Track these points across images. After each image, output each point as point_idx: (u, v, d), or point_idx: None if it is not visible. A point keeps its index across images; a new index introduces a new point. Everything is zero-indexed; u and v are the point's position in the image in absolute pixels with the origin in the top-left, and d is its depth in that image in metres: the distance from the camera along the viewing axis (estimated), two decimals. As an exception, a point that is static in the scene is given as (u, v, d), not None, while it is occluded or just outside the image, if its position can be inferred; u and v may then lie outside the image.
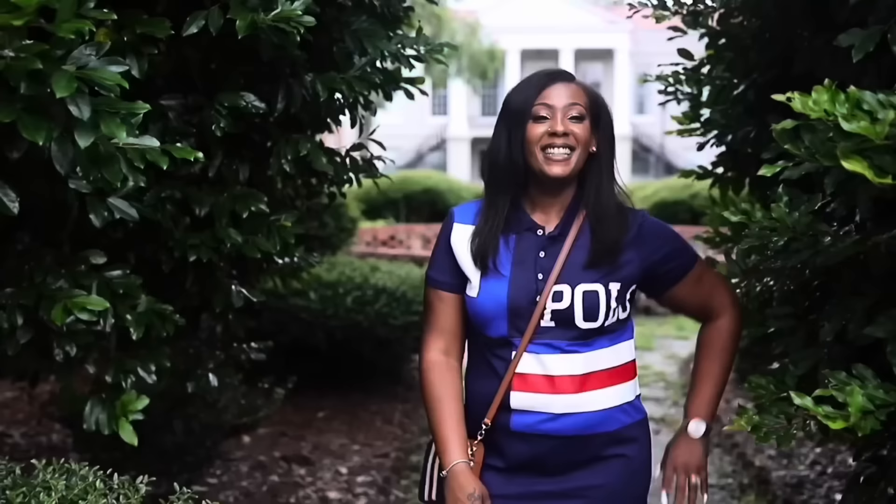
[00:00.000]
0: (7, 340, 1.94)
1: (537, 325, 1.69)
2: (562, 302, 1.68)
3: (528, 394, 1.71)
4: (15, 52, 1.27)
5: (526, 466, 1.77)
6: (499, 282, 1.70)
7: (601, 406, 1.74)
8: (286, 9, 1.78)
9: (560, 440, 1.73)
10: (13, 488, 1.60)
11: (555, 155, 1.66)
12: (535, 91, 1.70)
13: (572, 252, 1.72)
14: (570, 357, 1.70)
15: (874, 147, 1.35)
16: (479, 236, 1.73)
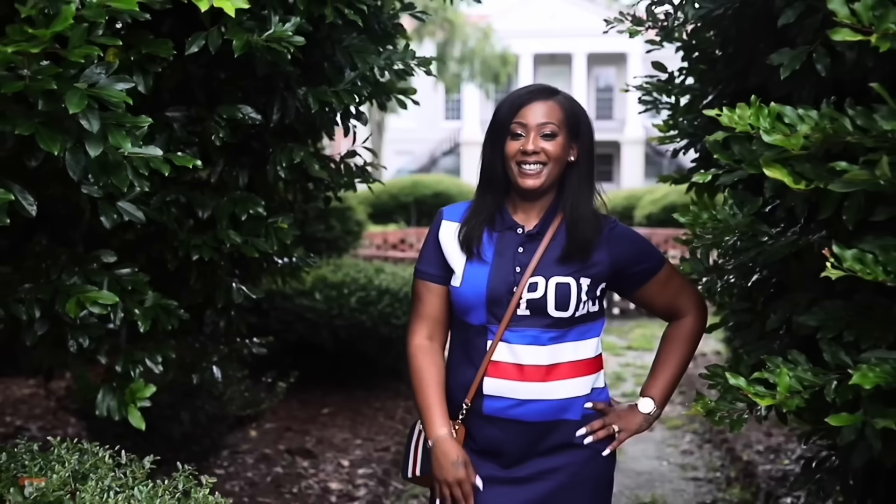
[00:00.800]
0: (26, 332, 2.13)
1: (513, 314, 1.85)
2: (536, 292, 1.84)
3: (500, 380, 1.87)
4: (33, 74, 1.45)
5: (495, 451, 1.92)
6: (480, 273, 1.87)
7: (565, 395, 1.89)
8: (278, 30, 1.96)
9: (526, 425, 1.88)
10: (32, 461, 1.78)
11: (527, 170, 1.84)
12: (513, 110, 1.87)
13: (548, 249, 1.88)
14: (538, 348, 1.85)
15: (795, 156, 1.51)
16: (466, 226, 1.91)
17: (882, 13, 1.42)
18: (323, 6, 2.07)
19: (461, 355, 1.95)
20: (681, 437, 5.11)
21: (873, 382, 1.47)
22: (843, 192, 1.48)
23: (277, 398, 3.68)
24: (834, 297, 1.78)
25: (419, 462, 2.01)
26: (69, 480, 1.70)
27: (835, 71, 1.70)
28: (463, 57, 31.47)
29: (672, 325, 2.07)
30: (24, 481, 1.66)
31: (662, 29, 2.70)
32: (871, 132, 1.42)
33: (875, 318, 1.69)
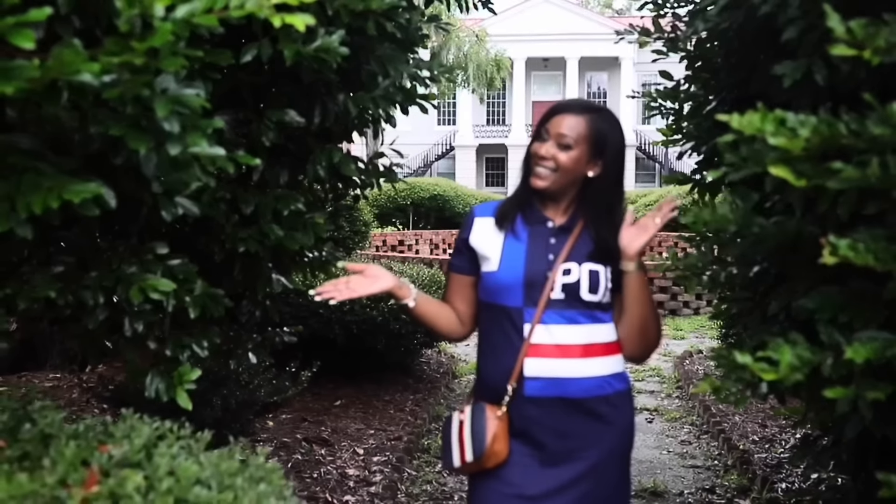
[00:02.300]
0: (89, 316, 2.31)
1: (548, 297, 2.03)
2: (570, 276, 2.04)
3: (540, 359, 2.04)
4: (125, 80, 1.63)
5: (533, 433, 2.07)
6: (517, 255, 2.06)
7: (600, 373, 2.07)
8: (325, 41, 2.14)
9: (565, 403, 2.05)
10: (106, 433, 1.97)
11: (537, 171, 2.06)
12: (548, 115, 2.09)
13: (577, 242, 2.09)
14: (576, 328, 2.04)
15: (796, 157, 1.71)
16: (503, 208, 2.14)
17: (875, 31, 1.62)
18: (365, 20, 2.26)
19: (498, 341, 2.10)
20: (679, 428, 5.32)
21: (864, 357, 1.67)
22: (838, 188, 1.69)
23: (302, 386, 3.87)
24: (829, 284, 1.98)
25: (466, 448, 2.09)
26: (143, 448, 1.89)
27: (831, 81, 1.90)
28: (457, 61, 31.65)
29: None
30: (106, 448, 1.85)
31: (668, 40, 2.90)
32: (863, 136, 1.62)
33: (866, 302, 1.90)
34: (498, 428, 2.04)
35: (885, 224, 1.76)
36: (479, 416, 2.08)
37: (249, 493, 1.79)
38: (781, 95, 2.13)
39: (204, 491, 1.71)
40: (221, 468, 1.88)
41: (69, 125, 1.86)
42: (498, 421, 2.05)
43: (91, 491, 1.64)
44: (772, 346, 1.90)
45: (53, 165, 1.76)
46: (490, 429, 2.05)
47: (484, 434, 2.05)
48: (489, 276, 2.10)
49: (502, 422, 2.05)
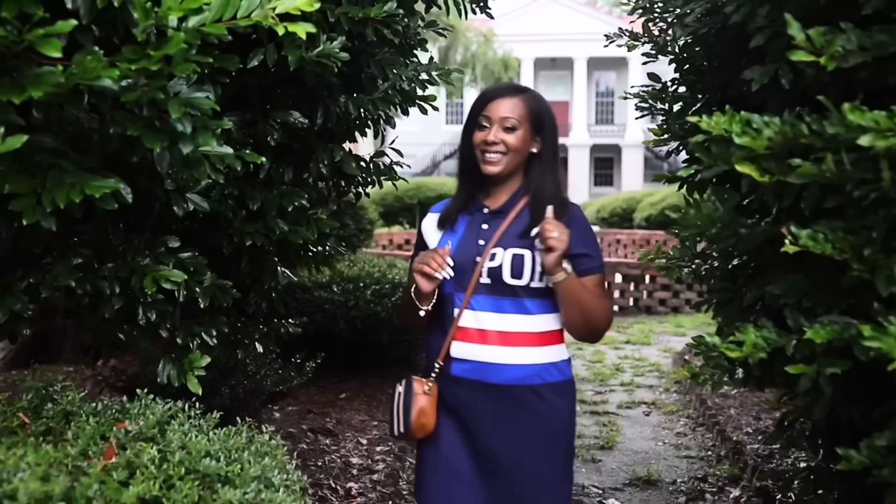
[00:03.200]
0: (105, 305, 2.46)
1: (477, 283, 2.11)
2: (495, 261, 2.11)
3: (465, 343, 2.14)
4: (141, 86, 1.78)
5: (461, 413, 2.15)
6: (450, 242, 2.17)
7: (524, 362, 2.11)
8: (326, 47, 2.29)
9: (489, 388, 2.11)
10: (122, 411, 2.12)
11: (489, 158, 2.14)
12: (482, 104, 2.17)
13: (511, 225, 2.15)
14: (500, 315, 2.10)
15: (761, 155, 1.84)
16: (445, 210, 2.25)
17: (831, 39, 1.76)
18: (364, 27, 2.40)
19: (435, 324, 2.22)
20: (675, 421, 5.45)
21: (823, 338, 1.80)
22: (801, 183, 1.82)
23: (307, 376, 4.02)
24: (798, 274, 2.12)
25: (401, 419, 2.18)
26: (157, 424, 2.04)
27: (797, 85, 2.03)
28: (465, 61, 31.80)
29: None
30: (123, 425, 2.00)
31: (657, 44, 3.04)
32: (822, 135, 1.76)
33: (829, 289, 2.03)
34: (425, 402, 2.13)
35: (844, 217, 1.89)
36: (407, 391, 2.18)
37: (255, 465, 1.93)
38: (757, 98, 2.27)
39: (213, 463, 1.86)
40: (229, 443, 2.03)
41: (88, 126, 2.00)
42: (425, 395, 2.14)
43: (110, 461, 1.79)
44: (740, 329, 2.04)
45: (74, 163, 1.91)
46: (416, 403, 2.14)
47: (410, 409, 2.15)
48: None
49: (430, 396, 2.14)
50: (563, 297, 2.09)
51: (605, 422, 5.42)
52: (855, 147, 1.67)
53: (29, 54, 1.64)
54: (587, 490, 4.14)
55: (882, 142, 1.61)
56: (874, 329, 1.58)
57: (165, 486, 1.75)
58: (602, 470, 4.47)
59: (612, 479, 4.33)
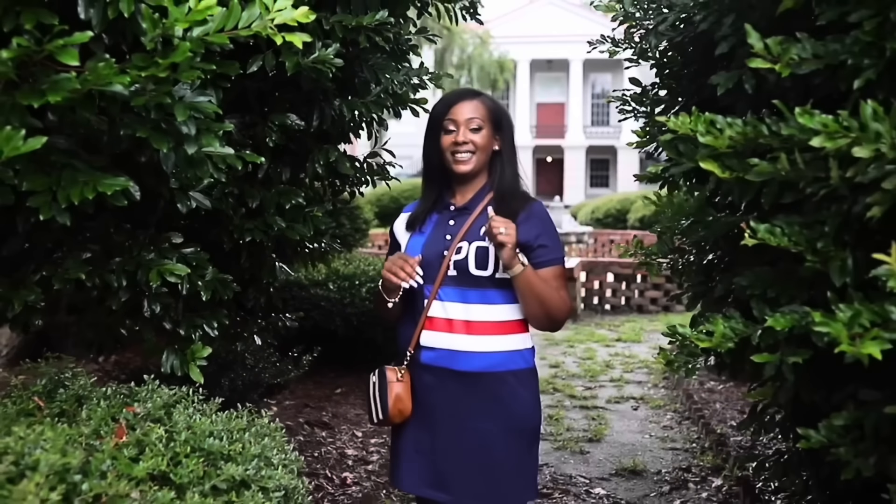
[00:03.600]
0: (113, 297, 2.60)
1: (444, 275, 2.24)
2: (460, 254, 2.24)
3: (433, 332, 2.26)
4: (149, 91, 1.92)
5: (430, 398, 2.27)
6: (417, 243, 2.31)
7: (489, 349, 2.23)
8: (322, 53, 2.43)
9: (456, 375, 2.24)
10: (130, 396, 2.26)
11: (460, 157, 2.27)
12: (445, 109, 2.30)
13: (476, 220, 2.28)
14: (465, 305, 2.23)
15: (723, 153, 1.99)
16: (414, 212, 2.38)
17: (787, 48, 1.90)
18: (357, 34, 2.54)
19: (407, 315, 2.34)
20: (662, 415, 5.60)
21: (783, 326, 1.94)
22: (761, 180, 1.96)
23: (303, 369, 4.16)
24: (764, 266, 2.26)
25: (379, 407, 2.31)
26: (163, 407, 2.18)
27: (760, 89, 2.18)
28: (461, 63, 31.94)
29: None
30: (132, 408, 2.13)
31: (638, 49, 3.18)
32: (779, 136, 1.90)
33: (792, 280, 2.17)
34: (399, 389, 2.26)
35: (801, 212, 2.03)
36: (382, 381, 2.31)
37: (255, 445, 2.08)
38: (727, 100, 2.42)
39: (216, 442, 2.00)
40: (231, 425, 2.17)
41: (98, 128, 2.13)
42: (398, 382, 2.26)
43: (121, 440, 1.93)
44: (711, 320, 2.18)
45: (86, 163, 2.05)
46: (391, 391, 2.26)
47: (386, 397, 2.27)
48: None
49: (403, 383, 2.27)
50: (521, 289, 2.20)
51: (594, 416, 5.56)
52: (808, 148, 1.81)
53: (46, 62, 1.78)
54: (574, 480, 4.29)
55: (831, 143, 1.75)
56: (824, 315, 1.72)
57: (172, 463, 1.89)
58: (590, 461, 4.61)
59: (598, 469, 4.47)
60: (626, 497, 4.05)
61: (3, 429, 1.84)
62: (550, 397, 6.04)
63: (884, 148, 1.72)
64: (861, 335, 1.67)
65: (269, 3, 1.96)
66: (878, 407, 2.00)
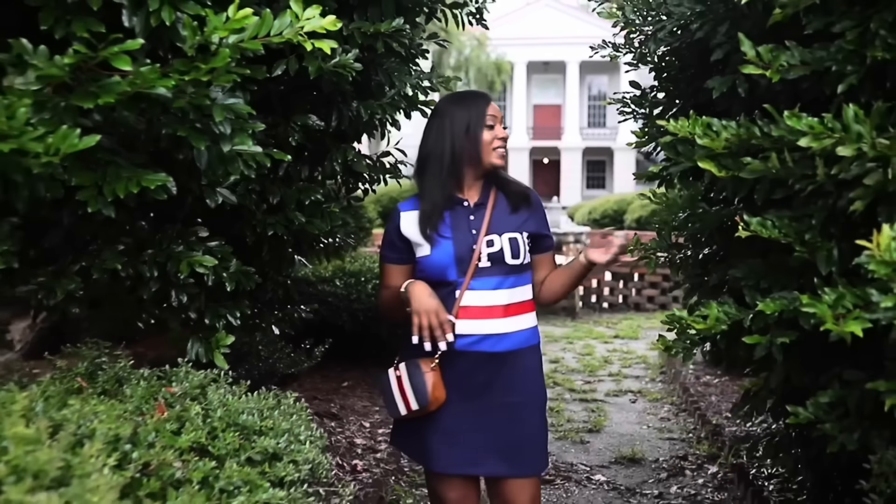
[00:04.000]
0: (144, 287, 2.75)
1: (476, 267, 2.37)
2: (494, 247, 2.38)
3: (469, 321, 2.37)
4: (190, 93, 2.08)
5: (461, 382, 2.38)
6: (445, 242, 2.39)
7: (518, 328, 2.41)
8: (342, 58, 2.60)
9: (489, 356, 2.38)
10: (166, 377, 2.42)
11: (503, 152, 2.44)
12: (486, 105, 2.42)
13: (493, 213, 2.43)
14: (499, 292, 2.38)
15: (719, 153, 2.15)
16: (426, 215, 2.40)
17: (777, 55, 2.07)
18: (375, 40, 2.71)
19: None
20: (660, 407, 5.77)
21: (772, 310, 2.11)
22: (754, 178, 2.13)
23: (315, 360, 4.32)
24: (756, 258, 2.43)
25: (410, 399, 2.40)
26: (199, 387, 2.34)
27: (753, 93, 2.35)
28: (458, 65, 32.09)
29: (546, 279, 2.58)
30: (171, 389, 2.29)
31: (637, 54, 3.35)
32: (770, 137, 2.06)
33: (782, 271, 2.34)
34: (435, 378, 2.37)
35: (790, 207, 2.20)
36: (415, 372, 2.40)
37: (285, 421, 2.24)
38: (723, 103, 2.58)
39: (250, 418, 2.16)
40: (261, 404, 2.33)
41: (136, 127, 2.29)
42: (432, 372, 2.37)
43: (162, 416, 2.09)
44: (706, 306, 2.35)
45: (127, 160, 2.21)
46: (428, 381, 2.37)
47: (424, 386, 2.37)
48: (424, 260, 2.41)
49: (436, 372, 2.37)
50: (577, 275, 2.49)
51: (594, 408, 5.73)
52: (796, 147, 1.98)
53: (97, 67, 1.94)
54: (576, 467, 4.45)
55: (817, 143, 1.92)
56: (811, 298, 1.89)
57: (210, 437, 2.05)
58: (590, 450, 4.78)
59: (598, 458, 4.64)
60: (625, 483, 4.21)
61: (58, 404, 2.00)
62: (551, 391, 6.21)
63: (865, 147, 1.89)
64: (844, 316, 1.83)
65: (300, 12, 2.13)
66: (861, 385, 2.15)
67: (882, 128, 1.91)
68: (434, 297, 2.33)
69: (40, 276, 2.49)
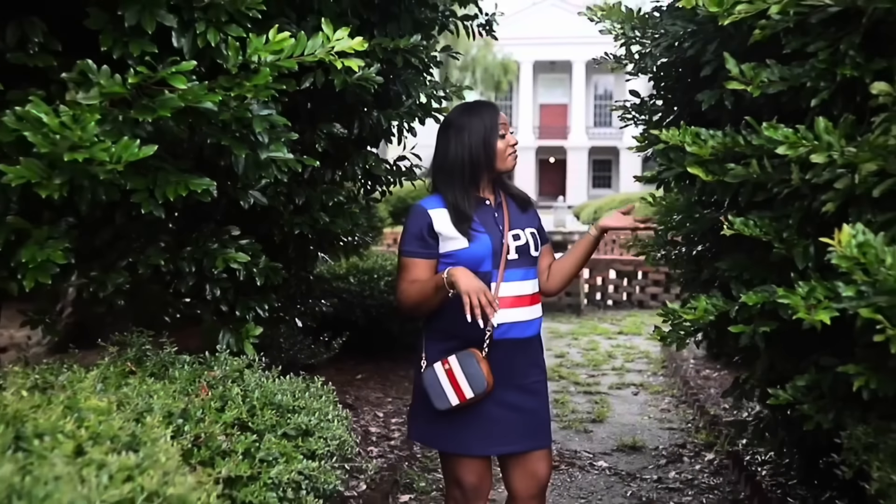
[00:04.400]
0: (182, 281, 3.00)
1: (506, 259, 2.60)
2: (521, 240, 2.62)
3: (504, 310, 2.57)
4: (233, 107, 2.33)
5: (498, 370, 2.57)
6: (482, 236, 2.59)
7: (537, 315, 2.68)
8: (365, 72, 2.84)
9: (518, 342, 2.61)
10: (205, 363, 2.66)
11: (514, 158, 2.67)
12: (495, 118, 2.63)
13: (510, 212, 2.68)
14: (526, 282, 2.62)
15: (707, 160, 2.39)
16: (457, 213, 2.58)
17: (758, 72, 2.31)
18: (395, 55, 2.95)
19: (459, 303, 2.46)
20: (661, 400, 6.00)
21: (755, 301, 2.34)
22: (738, 182, 2.37)
23: (334, 351, 4.57)
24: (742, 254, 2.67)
25: (464, 389, 2.52)
26: (236, 371, 2.58)
27: (738, 105, 2.59)
28: (465, 65, 32.29)
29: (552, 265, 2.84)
30: (213, 373, 2.54)
31: (637, 65, 3.59)
32: (752, 145, 2.30)
33: (764, 265, 2.58)
34: (486, 365, 2.54)
35: (771, 208, 2.44)
36: (469, 361, 2.54)
37: (315, 402, 2.48)
38: (714, 113, 2.82)
39: (284, 398, 2.41)
40: (293, 386, 2.58)
41: (180, 136, 2.53)
42: (484, 361, 2.55)
43: (206, 396, 2.34)
44: (696, 298, 2.59)
45: (173, 166, 2.46)
46: (483, 369, 2.53)
47: (481, 374, 2.53)
48: (463, 252, 2.58)
49: (486, 361, 2.55)
50: (589, 248, 2.77)
51: (597, 400, 5.97)
52: (775, 155, 2.22)
53: (152, 85, 2.19)
54: (579, 454, 4.69)
55: (793, 151, 2.16)
56: (786, 291, 2.12)
57: (250, 414, 2.30)
58: (593, 439, 5.02)
59: (601, 446, 4.88)
60: (626, 469, 4.45)
61: (116, 383, 2.26)
62: (556, 384, 6.45)
63: (835, 155, 2.13)
64: (815, 306, 2.06)
65: (330, 34, 2.37)
66: (834, 370, 2.38)
67: (850, 137, 2.15)
68: (478, 279, 2.42)
69: (92, 271, 2.73)
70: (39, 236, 2.40)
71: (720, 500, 4.00)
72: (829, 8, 2.15)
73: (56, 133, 1.98)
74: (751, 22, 2.34)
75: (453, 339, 2.59)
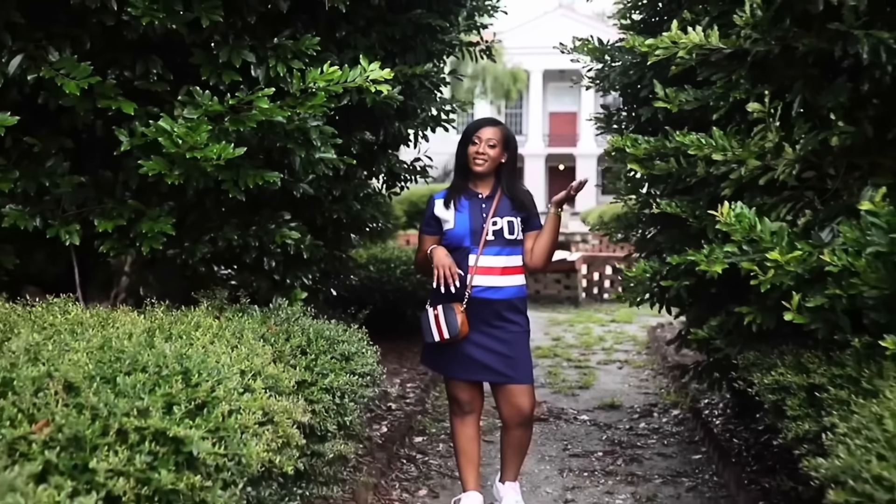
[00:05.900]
0: (246, 254, 3.87)
1: (485, 239, 3.46)
2: (497, 226, 3.46)
3: (481, 276, 3.46)
4: (297, 120, 3.21)
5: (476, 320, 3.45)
6: (463, 218, 3.48)
7: (513, 284, 3.50)
8: (390, 93, 3.71)
9: (494, 302, 3.46)
10: (271, 311, 3.53)
11: (477, 162, 3.49)
12: (474, 129, 3.50)
13: (498, 204, 3.50)
14: (499, 257, 3.46)
15: (642, 158, 3.25)
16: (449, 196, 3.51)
17: (677, 94, 3.17)
18: (413, 79, 3.83)
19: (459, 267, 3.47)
20: (641, 372, 6.86)
21: (678, 262, 3.17)
22: (664, 174, 3.23)
23: (360, 321, 5.42)
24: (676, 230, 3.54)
25: (444, 330, 3.45)
26: (294, 315, 3.45)
27: (669, 118, 3.45)
28: (475, 74, 33.03)
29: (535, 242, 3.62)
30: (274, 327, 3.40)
31: (597, 85, 4.45)
32: (672, 147, 3.16)
33: (688, 237, 3.44)
34: (462, 317, 3.44)
35: (690, 194, 3.30)
36: (449, 313, 3.46)
37: (353, 337, 3.35)
38: (667, 123, 3.68)
39: (331, 332, 3.27)
40: (337, 327, 3.44)
41: (252, 141, 3.40)
42: (461, 313, 3.45)
43: (273, 329, 3.20)
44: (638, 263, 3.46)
45: (249, 162, 3.33)
46: (458, 319, 3.45)
47: (456, 322, 3.44)
48: (450, 232, 3.51)
49: (463, 313, 3.46)
50: (550, 224, 3.50)
51: (585, 372, 6.82)
52: (687, 154, 3.08)
53: (241, 106, 3.07)
54: (566, 411, 5.55)
55: (699, 151, 3.03)
56: (695, 251, 2.98)
57: (307, 343, 3.16)
58: (579, 400, 5.87)
59: (585, 405, 5.73)
60: (604, 421, 5.31)
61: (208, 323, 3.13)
62: (551, 360, 7.31)
63: (729, 155, 2.99)
64: (713, 261, 2.92)
65: (366, 66, 3.25)
66: (739, 314, 3.24)
67: (740, 141, 3.01)
68: (449, 257, 3.42)
69: (185, 242, 3.61)
70: (152, 214, 3.30)
71: (679, 441, 4.86)
72: (723, 50, 3.02)
73: (180, 138, 2.87)
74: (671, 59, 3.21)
75: (444, 296, 3.47)
